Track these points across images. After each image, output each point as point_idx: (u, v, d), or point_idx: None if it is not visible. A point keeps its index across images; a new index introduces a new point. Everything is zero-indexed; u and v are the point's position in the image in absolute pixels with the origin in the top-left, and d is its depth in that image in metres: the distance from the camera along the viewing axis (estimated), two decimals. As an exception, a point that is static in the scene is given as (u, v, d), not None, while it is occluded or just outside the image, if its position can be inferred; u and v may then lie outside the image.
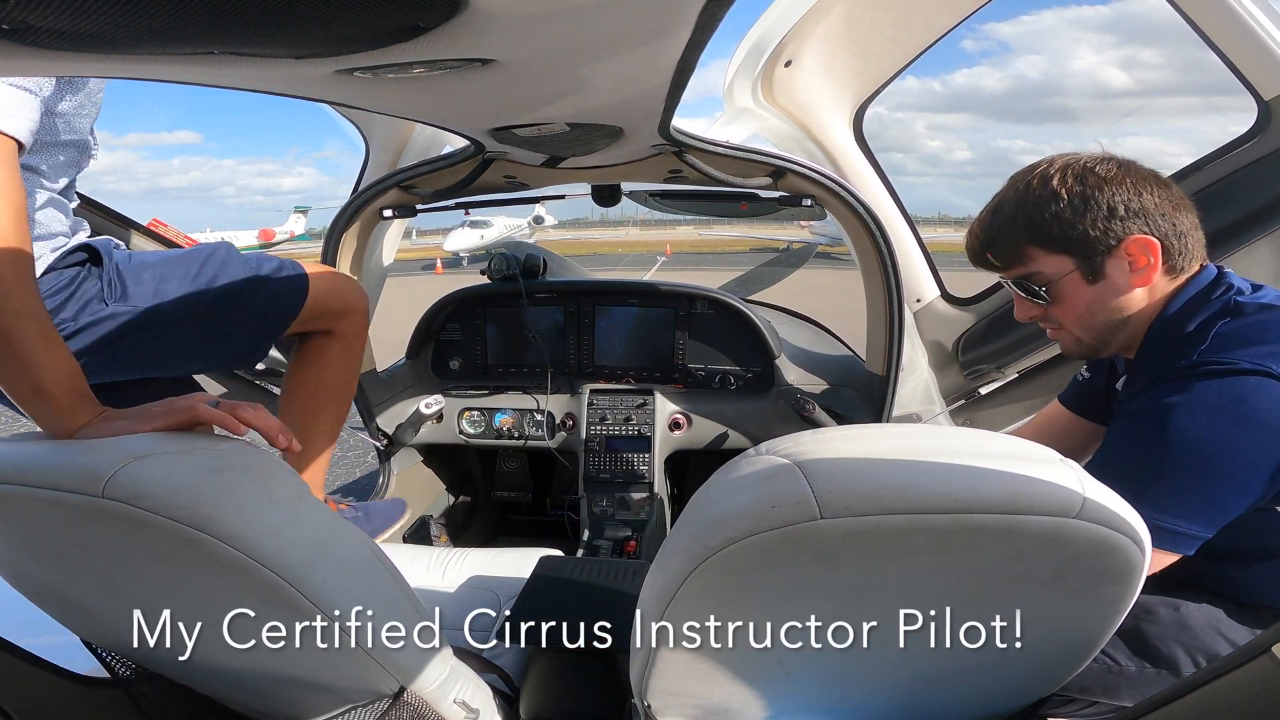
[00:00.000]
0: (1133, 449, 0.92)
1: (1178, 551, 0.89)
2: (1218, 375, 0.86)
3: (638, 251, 29.94)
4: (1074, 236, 0.97)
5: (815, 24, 1.72)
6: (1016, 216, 1.01)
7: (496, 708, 1.05)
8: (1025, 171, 1.04)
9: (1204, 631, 0.99)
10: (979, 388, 2.09)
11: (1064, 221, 0.97)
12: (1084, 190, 0.97)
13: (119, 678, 0.99)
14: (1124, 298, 1.00)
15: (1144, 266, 0.97)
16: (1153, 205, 0.97)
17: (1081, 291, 1.00)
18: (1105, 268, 0.98)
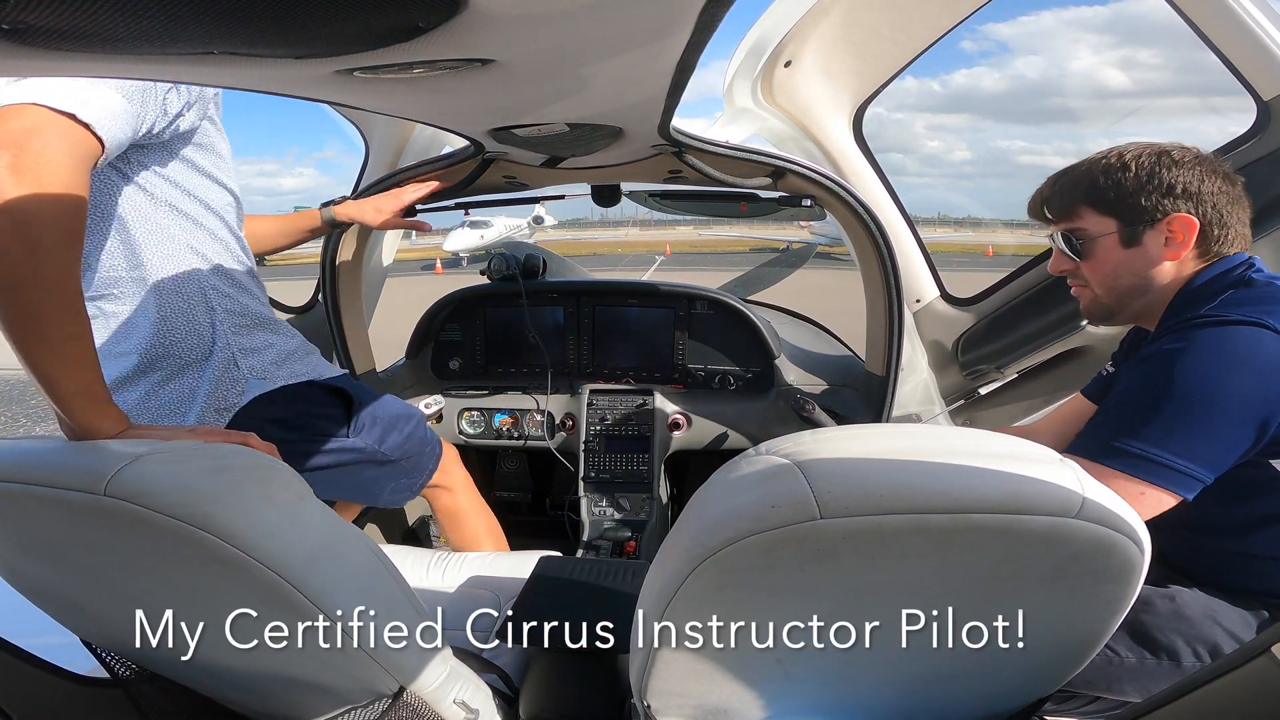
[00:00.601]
0: (1135, 391, 0.99)
1: (1175, 490, 0.93)
2: (1213, 325, 0.95)
3: (637, 251, 29.94)
4: (1127, 203, 1.05)
5: (815, 25, 1.72)
6: (1082, 178, 1.10)
7: (496, 708, 1.05)
8: (1110, 149, 1.11)
9: (1201, 621, 1.02)
10: (978, 388, 2.10)
11: (1122, 189, 1.05)
12: (1153, 167, 1.04)
13: (119, 678, 0.99)
14: (1152, 269, 1.07)
15: (1179, 243, 1.04)
16: (1208, 192, 1.03)
17: (1114, 253, 1.09)
18: (1143, 237, 1.06)
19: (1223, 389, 0.91)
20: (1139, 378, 1.00)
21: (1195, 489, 0.94)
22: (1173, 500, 0.94)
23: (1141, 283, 1.08)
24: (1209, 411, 0.91)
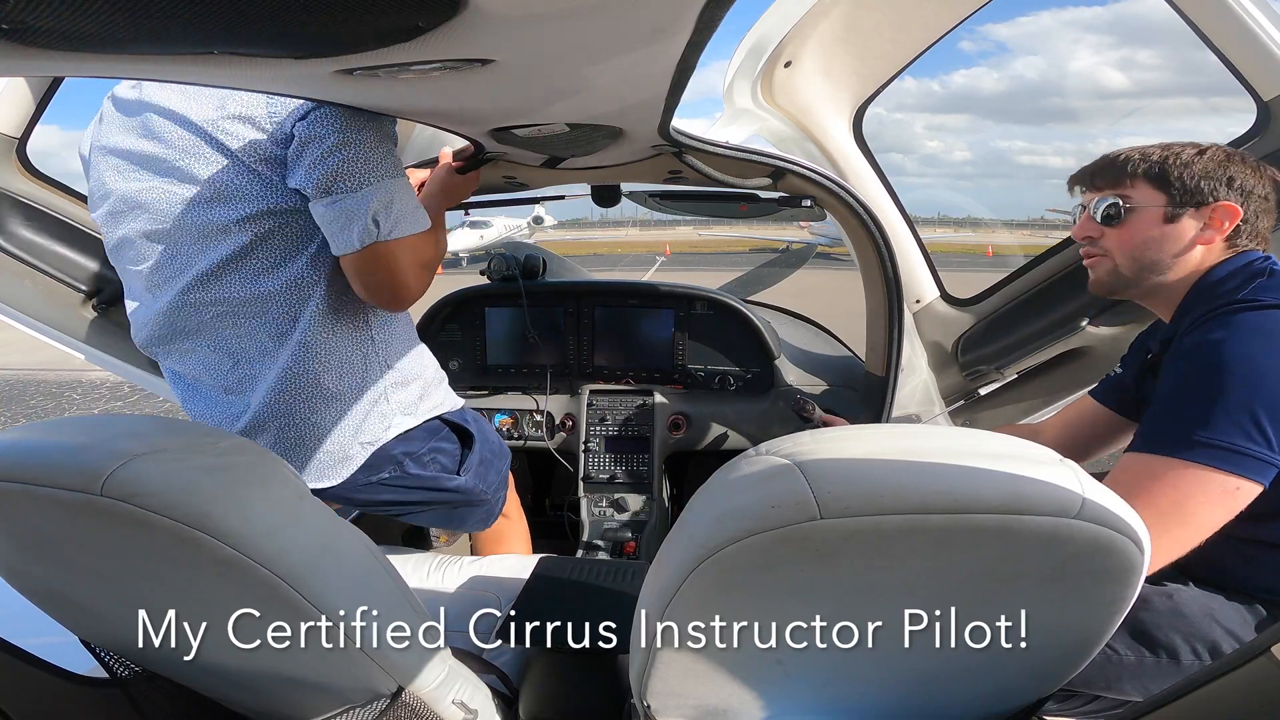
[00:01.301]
0: (1189, 382, 0.99)
1: (1255, 478, 0.92)
2: (1256, 309, 0.97)
3: (637, 252, 29.93)
4: (1185, 183, 1.08)
5: (815, 25, 1.72)
6: (1150, 157, 1.11)
7: (495, 708, 1.05)
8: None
9: (1199, 619, 1.03)
10: (978, 389, 2.10)
11: (1188, 172, 1.08)
12: (1223, 160, 1.09)
13: (118, 678, 0.99)
14: (1181, 249, 1.10)
15: (1215, 229, 1.07)
16: (1258, 193, 1.08)
17: (1152, 227, 1.11)
18: (1184, 217, 1.09)
19: (1276, 370, 0.92)
20: (1192, 368, 0.99)
21: (1270, 472, 0.93)
22: (1256, 490, 0.93)
23: (1166, 260, 1.10)
24: (1266, 392, 0.91)
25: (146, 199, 1.15)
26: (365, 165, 1.08)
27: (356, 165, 1.07)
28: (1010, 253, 20.94)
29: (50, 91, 1.64)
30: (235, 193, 1.10)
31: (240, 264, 1.14)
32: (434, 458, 1.36)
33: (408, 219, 1.14)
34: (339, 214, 1.09)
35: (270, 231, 1.13)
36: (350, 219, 1.09)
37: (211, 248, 1.13)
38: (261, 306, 1.16)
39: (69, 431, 0.79)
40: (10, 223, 1.69)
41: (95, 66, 0.63)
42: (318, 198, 1.09)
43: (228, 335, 1.18)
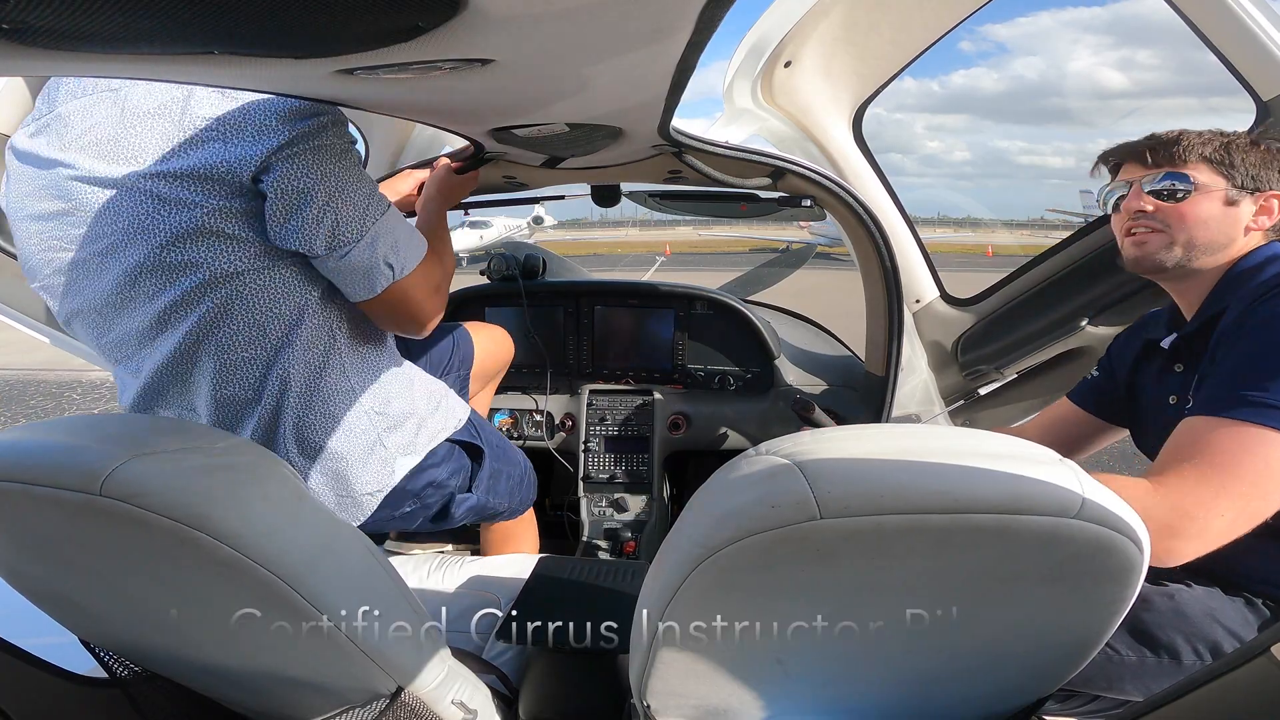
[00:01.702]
0: (1263, 349, 0.96)
1: None
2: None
3: (637, 252, 29.94)
4: (1245, 169, 1.11)
5: (815, 25, 1.72)
6: (1213, 140, 1.13)
7: (495, 708, 1.05)
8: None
9: (1201, 619, 1.02)
10: (978, 388, 2.10)
11: (1250, 160, 1.11)
12: (1277, 152, 1.13)
13: (117, 678, 0.99)
14: (1235, 231, 1.11)
15: (1264, 216, 1.10)
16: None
17: (1213, 208, 1.11)
18: (1241, 202, 1.11)
19: None
20: (1261, 340, 0.97)
21: None
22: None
23: (1221, 240, 1.11)
24: None
25: (83, 276, 1.03)
26: (362, 209, 1.03)
27: (355, 212, 1.02)
28: (1010, 253, 20.93)
29: (50, 91, 1.63)
30: (189, 263, 0.99)
31: (209, 336, 1.05)
32: (449, 479, 1.34)
33: (412, 249, 1.12)
34: (352, 267, 1.05)
35: (232, 297, 1.03)
36: (367, 270, 1.06)
37: (174, 323, 1.04)
38: (236, 372, 1.08)
39: (69, 431, 0.79)
40: (9, 223, 1.69)
41: (95, 66, 0.63)
42: (326, 255, 1.03)
43: (207, 399, 1.10)
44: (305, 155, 0.97)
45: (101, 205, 0.97)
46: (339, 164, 1.01)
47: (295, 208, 0.98)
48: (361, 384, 1.16)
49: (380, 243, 1.05)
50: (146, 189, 0.95)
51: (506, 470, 1.51)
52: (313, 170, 0.98)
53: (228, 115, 0.94)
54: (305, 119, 0.97)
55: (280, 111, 0.95)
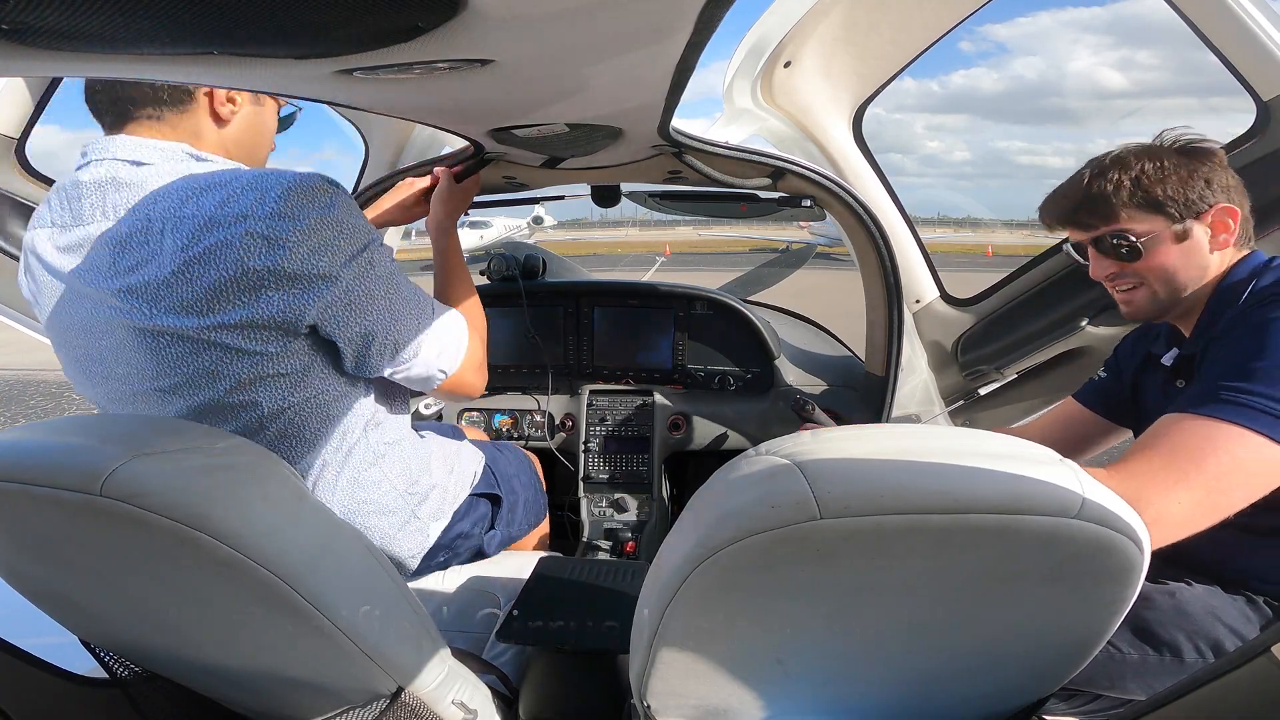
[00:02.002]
0: (1243, 352, 0.96)
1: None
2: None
3: (637, 252, 29.96)
4: (1175, 198, 1.07)
5: (814, 25, 1.72)
6: (1118, 180, 1.10)
7: (495, 708, 1.05)
8: (1124, 148, 1.14)
9: (1202, 616, 1.03)
10: (978, 388, 2.10)
11: (1169, 185, 1.08)
12: (1189, 162, 1.08)
13: (117, 678, 0.99)
14: (1204, 259, 1.09)
15: (1224, 233, 1.08)
16: (1234, 185, 1.08)
17: (1170, 250, 1.10)
18: (1193, 230, 1.08)
19: None
20: (1243, 343, 0.97)
21: None
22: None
23: (1196, 273, 1.10)
24: None
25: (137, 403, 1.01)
26: (415, 328, 1.06)
27: (409, 334, 1.05)
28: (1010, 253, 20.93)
29: (49, 91, 1.64)
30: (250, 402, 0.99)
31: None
32: (474, 529, 1.38)
33: (456, 342, 1.15)
34: (410, 379, 1.11)
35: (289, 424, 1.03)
36: (425, 378, 1.12)
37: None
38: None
39: (68, 431, 0.79)
40: (9, 223, 1.69)
41: (95, 66, 0.63)
42: (390, 375, 1.09)
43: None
44: (361, 300, 0.98)
45: (158, 348, 0.94)
46: (390, 292, 1.02)
47: (362, 350, 1.01)
48: (393, 470, 1.19)
49: (428, 349, 1.09)
50: (210, 339, 0.93)
51: (522, 495, 1.53)
52: (368, 311, 0.99)
53: (280, 263, 0.90)
54: (355, 257, 0.96)
55: (333, 250, 0.93)
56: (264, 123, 1.09)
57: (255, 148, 1.09)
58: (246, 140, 1.06)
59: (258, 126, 1.08)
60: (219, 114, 1.00)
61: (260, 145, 1.10)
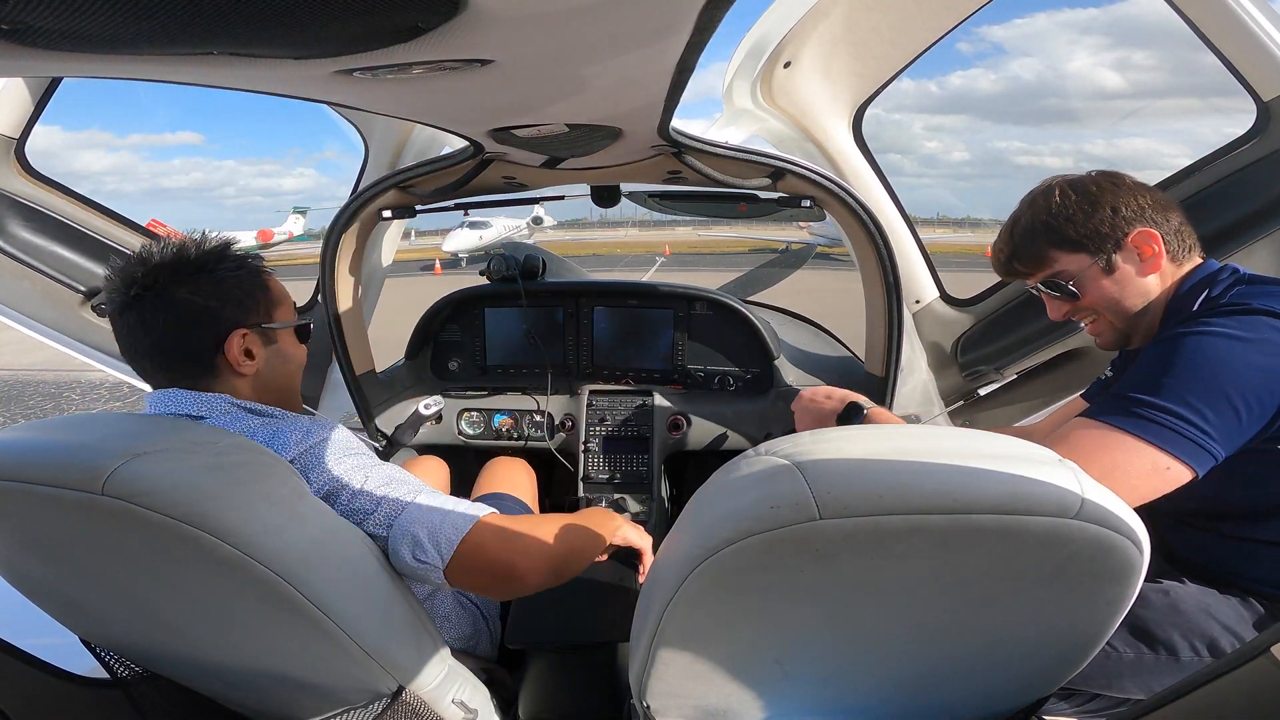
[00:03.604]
0: (1154, 366, 1.00)
1: (1190, 463, 0.94)
2: (1231, 313, 0.98)
3: (637, 252, 29.97)
4: (1087, 234, 1.11)
5: (814, 26, 1.73)
6: (1035, 225, 1.15)
7: (495, 708, 1.05)
8: (1033, 192, 1.18)
9: (1196, 615, 1.04)
10: (978, 389, 2.10)
11: (1076, 222, 1.11)
12: (1088, 196, 1.11)
13: (118, 678, 0.99)
14: (1140, 284, 1.12)
15: (1151, 256, 1.09)
16: (1147, 205, 1.10)
17: (1103, 283, 1.13)
18: (1116, 260, 1.11)
19: (1242, 368, 0.93)
20: (1157, 356, 1.00)
21: (1208, 464, 0.94)
22: (1188, 475, 0.94)
23: (1140, 300, 1.12)
24: (1227, 388, 0.93)
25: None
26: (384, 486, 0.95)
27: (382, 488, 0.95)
28: (1010, 253, 20.89)
29: (49, 92, 1.64)
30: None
31: None
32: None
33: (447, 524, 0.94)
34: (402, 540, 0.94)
35: None
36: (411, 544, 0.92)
37: None
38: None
39: (69, 431, 0.79)
40: (9, 223, 1.69)
41: (95, 66, 0.63)
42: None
43: None
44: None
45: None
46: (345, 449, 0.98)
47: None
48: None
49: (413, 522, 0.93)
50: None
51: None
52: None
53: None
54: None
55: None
56: (285, 358, 1.08)
57: (286, 382, 1.09)
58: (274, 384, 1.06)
59: (277, 367, 1.06)
60: (241, 373, 1.01)
61: (290, 378, 1.10)
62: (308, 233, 31.00)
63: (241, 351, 0.98)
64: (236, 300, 0.99)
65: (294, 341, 1.10)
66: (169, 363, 0.98)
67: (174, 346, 0.96)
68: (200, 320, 0.96)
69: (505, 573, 0.95)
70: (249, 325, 0.99)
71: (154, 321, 0.94)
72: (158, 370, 0.98)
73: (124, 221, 1.86)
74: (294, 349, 1.09)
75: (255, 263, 1.05)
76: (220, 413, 0.95)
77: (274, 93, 0.82)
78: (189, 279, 0.96)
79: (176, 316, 0.95)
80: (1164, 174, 1.52)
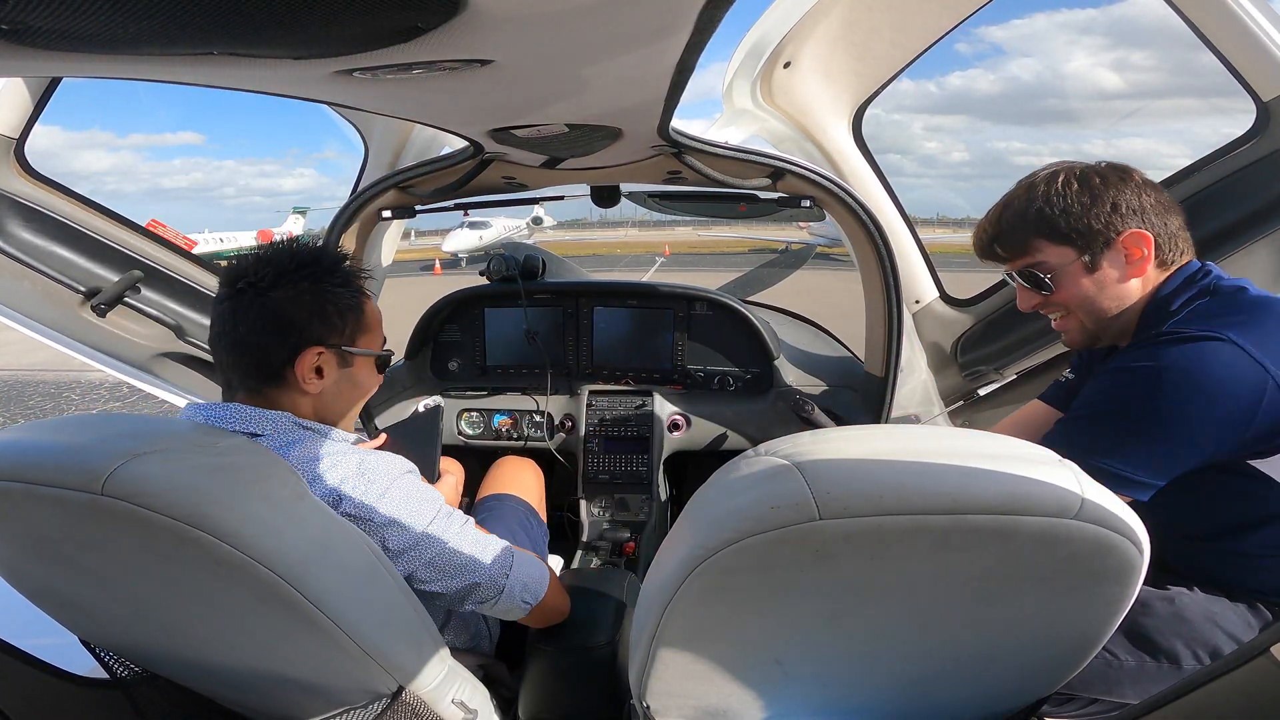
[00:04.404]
0: (1094, 404, 1.03)
1: (1128, 494, 0.96)
2: (1173, 343, 0.96)
3: (636, 252, 29.98)
4: (1079, 229, 1.07)
5: (814, 26, 1.73)
6: (1027, 211, 1.10)
7: (495, 708, 1.05)
8: (1035, 174, 1.13)
9: (1201, 623, 1.02)
10: (977, 389, 2.10)
11: (1071, 215, 1.06)
12: (1091, 189, 1.06)
13: (117, 678, 0.99)
14: (1120, 287, 1.08)
15: (1139, 259, 1.06)
16: (1149, 205, 1.05)
17: (1082, 280, 1.09)
18: (1102, 260, 1.07)
19: (1174, 406, 0.94)
20: (1099, 392, 1.02)
21: (1147, 492, 0.96)
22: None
23: (1115, 304, 1.09)
24: (1157, 426, 0.95)
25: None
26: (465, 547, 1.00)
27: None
28: (1009, 253, 20.93)
29: (49, 92, 1.64)
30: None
31: None
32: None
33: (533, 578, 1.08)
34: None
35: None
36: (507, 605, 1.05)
37: None
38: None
39: (69, 431, 0.79)
40: (9, 223, 1.69)
41: (95, 66, 0.63)
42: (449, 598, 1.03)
43: None
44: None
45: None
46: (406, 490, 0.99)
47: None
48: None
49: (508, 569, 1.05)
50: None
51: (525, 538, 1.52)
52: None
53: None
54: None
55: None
56: (355, 385, 1.07)
57: (348, 408, 1.08)
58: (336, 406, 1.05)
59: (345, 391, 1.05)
60: (306, 390, 1.00)
61: (354, 405, 1.09)
62: (307, 233, 30.88)
63: (312, 369, 0.97)
64: (326, 316, 0.98)
65: (371, 371, 1.08)
66: (241, 360, 0.97)
67: (251, 346, 0.95)
68: (284, 327, 0.95)
69: (560, 606, 1.13)
70: (328, 344, 0.98)
71: (244, 317, 0.94)
72: (229, 365, 0.98)
73: (124, 222, 1.86)
74: (369, 378, 1.08)
75: (360, 282, 1.04)
76: (282, 430, 0.94)
77: (274, 93, 0.82)
78: (292, 283, 0.95)
79: (264, 318, 0.94)
80: (1163, 174, 1.52)
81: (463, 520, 1.03)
